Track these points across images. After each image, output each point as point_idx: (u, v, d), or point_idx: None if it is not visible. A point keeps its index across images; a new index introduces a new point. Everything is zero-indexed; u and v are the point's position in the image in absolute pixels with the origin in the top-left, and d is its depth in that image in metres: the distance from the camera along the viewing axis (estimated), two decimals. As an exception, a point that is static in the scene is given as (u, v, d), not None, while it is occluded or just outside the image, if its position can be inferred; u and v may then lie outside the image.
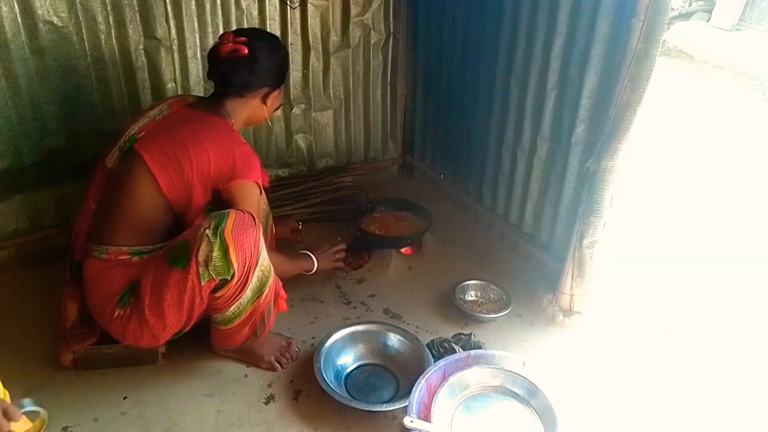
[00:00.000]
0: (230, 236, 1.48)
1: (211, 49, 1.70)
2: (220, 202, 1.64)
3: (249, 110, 1.76)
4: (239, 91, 1.71)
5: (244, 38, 1.66)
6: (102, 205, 1.68)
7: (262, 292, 1.61)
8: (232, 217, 1.50)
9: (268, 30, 2.52)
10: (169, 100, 1.78)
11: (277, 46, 1.78)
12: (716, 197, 3.16)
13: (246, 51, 1.63)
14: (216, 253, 1.47)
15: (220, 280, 1.51)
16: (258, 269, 1.57)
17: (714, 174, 3.49)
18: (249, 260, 1.52)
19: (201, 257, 1.47)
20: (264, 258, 1.59)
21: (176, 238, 1.56)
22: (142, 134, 1.65)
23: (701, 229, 2.78)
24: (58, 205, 2.27)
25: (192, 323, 1.62)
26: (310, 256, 2.00)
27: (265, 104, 1.78)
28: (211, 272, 1.48)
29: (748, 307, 2.19)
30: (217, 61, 1.67)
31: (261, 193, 1.72)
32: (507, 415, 1.56)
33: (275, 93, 1.79)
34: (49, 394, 1.64)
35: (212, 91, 1.77)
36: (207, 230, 1.47)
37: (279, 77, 1.78)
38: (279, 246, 2.08)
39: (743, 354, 1.93)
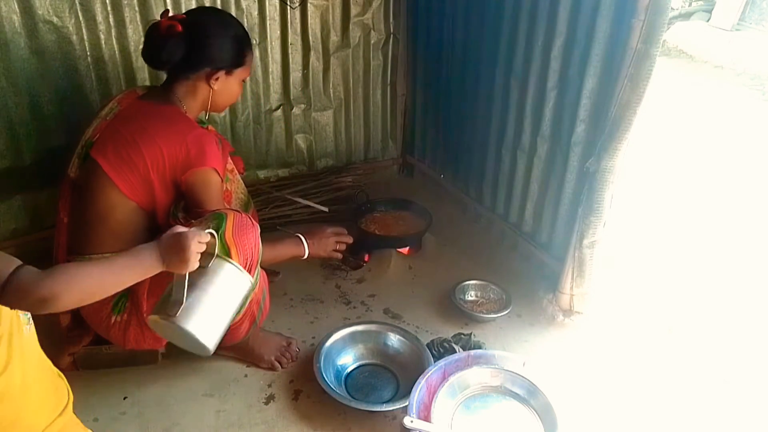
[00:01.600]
0: (231, 239, 1.46)
1: (149, 28, 1.61)
2: (185, 198, 1.60)
3: (199, 95, 1.67)
4: (182, 72, 1.63)
5: (182, 16, 1.58)
6: (73, 216, 1.66)
7: (257, 284, 1.60)
8: (231, 219, 1.48)
9: (268, 30, 2.52)
10: (119, 95, 1.72)
11: (222, 25, 1.65)
12: (716, 197, 3.16)
13: (180, 28, 1.54)
14: None
15: None
16: (258, 267, 1.57)
17: (714, 174, 3.49)
18: (251, 261, 1.52)
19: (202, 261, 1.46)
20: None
21: None
22: (96, 137, 1.60)
23: (701, 229, 2.77)
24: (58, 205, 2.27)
25: None
26: (300, 241, 1.83)
27: (211, 87, 1.66)
28: None
29: (748, 307, 2.19)
30: (153, 38, 1.58)
31: (222, 179, 1.63)
32: (507, 415, 1.56)
33: (219, 75, 1.65)
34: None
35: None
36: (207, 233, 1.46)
37: (222, 58, 1.64)
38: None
39: (743, 354, 1.93)
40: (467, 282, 2.18)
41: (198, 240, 1.07)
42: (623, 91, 1.61)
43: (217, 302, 1.16)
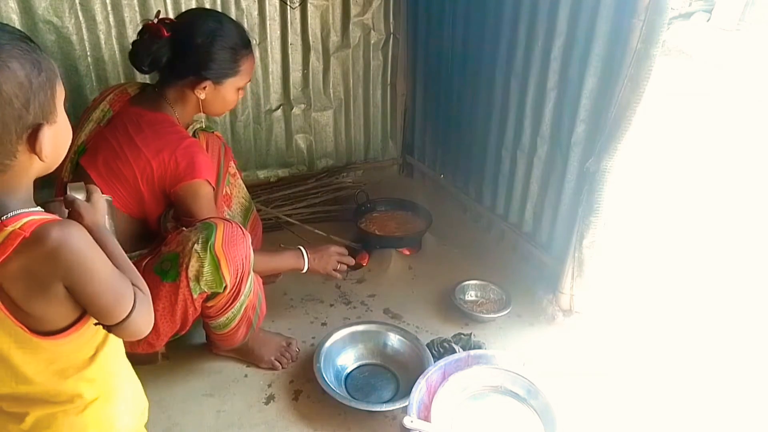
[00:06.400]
0: (221, 250, 1.44)
1: (140, 30, 1.58)
2: (175, 208, 1.58)
3: (188, 102, 1.63)
4: (170, 78, 1.60)
5: (172, 19, 1.55)
6: None
7: (251, 290, 1.61)
8: (221, 230, 1.46)
9: (268, 30, 2.52)
10: (109, 95, 1.66)
11: (212, 33, 1.55)
12: (716, 197, 3.16)
13: (166, 32, 1.51)
14: (207, 268, 1.44)
15: (212, 292, 1.50)
16: (250, 278, 1.56)
17: (713, 174, 3.49)
18: (241, 272, 1.50)
19: (191, 272, 1.44)
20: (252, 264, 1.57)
21: (161, 248, 1.51)
22: (89, 144, 1.59)
23: (701, 230, 2.77)
24: (58, 205, 2.27)
25: (188, 328, 1.61)
26: (301, 254, 1.80)
27: (196, 95, 1.61)
28: (202, 286, 1.47)
29: (748, 307, 2.19)
30: (140, 41, 1.55)
31: (214, 188, 1.59)
32: (507, 415, 1.56)
33: (206, 84, 1.59)
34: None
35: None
36: (196, 245, 1.43)
37: (209, 68, 1.57)
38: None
39: (743, 354, 1.93)
40: (467, 282, 2.18)
41: None
42: (623, 91, 1.61)
43: None
